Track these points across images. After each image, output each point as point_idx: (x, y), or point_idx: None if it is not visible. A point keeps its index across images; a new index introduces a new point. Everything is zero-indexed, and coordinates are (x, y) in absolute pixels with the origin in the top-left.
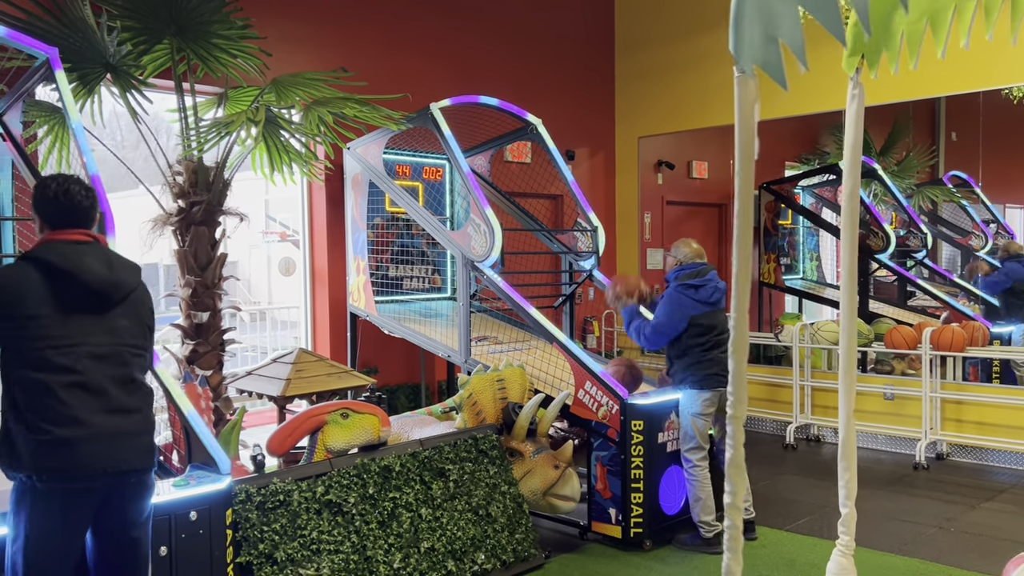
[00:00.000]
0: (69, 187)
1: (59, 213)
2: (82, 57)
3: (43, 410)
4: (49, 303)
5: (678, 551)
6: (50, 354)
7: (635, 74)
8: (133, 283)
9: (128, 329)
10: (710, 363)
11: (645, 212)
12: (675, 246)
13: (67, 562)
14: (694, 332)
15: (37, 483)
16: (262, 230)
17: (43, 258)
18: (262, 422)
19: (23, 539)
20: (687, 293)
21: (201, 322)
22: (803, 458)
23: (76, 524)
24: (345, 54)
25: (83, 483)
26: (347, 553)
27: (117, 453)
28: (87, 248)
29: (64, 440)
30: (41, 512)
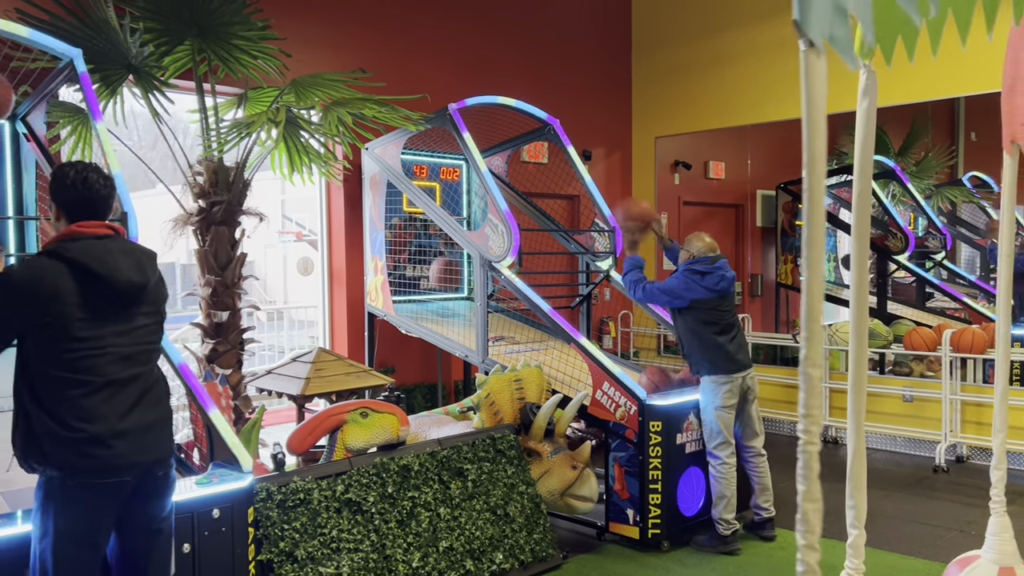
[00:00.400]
0: (88, 175)
1: (78, 201)
2: (105, 58)
3: (75, 408)
4: (80, 304)
5: (696, 552)
6: (80, 354)
7: (652, 74)
8: (156, 277)
9: (148, 327)
10: (720, 348)
11: (662, 212)
12: (688, 240)
13: (95, 556)
14: (701, 317)
15: (68, 480)
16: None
17: (77, 259)
18: (281, 421)
19: (52, 535)
20: (693, 278)
21: (221, 321)
22: (823, 460)
23: (105, 519)
24: (363, 55)
25: (115, 478)
26: (366, 552)
27: (144, 446)
28: (112, 244)
29: (98, 438)
30: (70, 508)
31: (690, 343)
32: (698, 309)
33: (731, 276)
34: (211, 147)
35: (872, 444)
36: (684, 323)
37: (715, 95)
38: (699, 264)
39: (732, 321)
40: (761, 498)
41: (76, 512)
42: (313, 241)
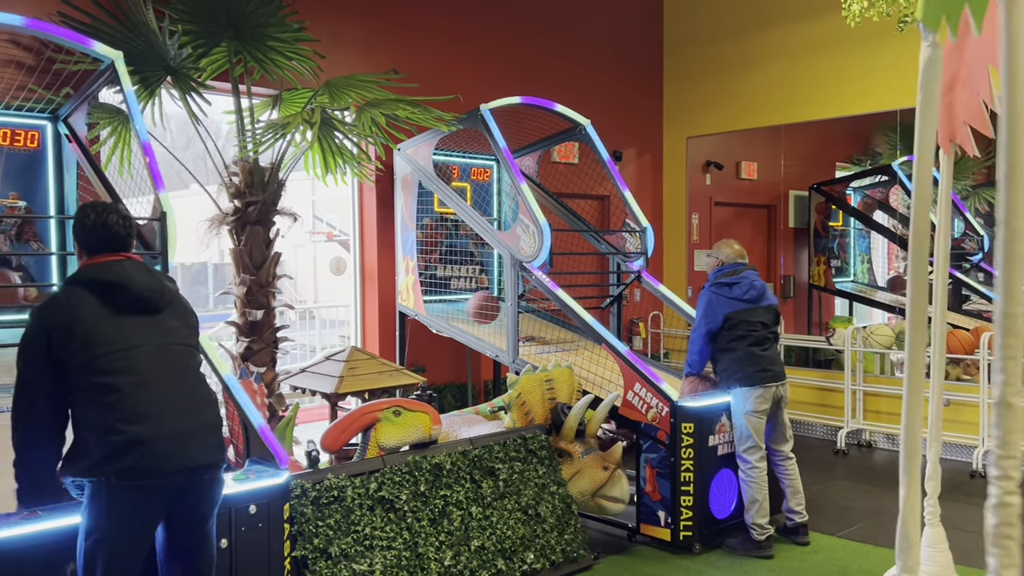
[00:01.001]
0: (107, 218)
1: (96, 241)
2: (144, 60)
3: (115, 411)
4: (102, 314)
5: (728, 555)
6: (112, 358)
7: (684, 74)
8: (174, 290)
9: (178, 328)
10: (755, 360)
11: (693, 213)
12: (716, 247)
13: (140, 555)
14: (732, 330)
15: (113, 482)
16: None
17: (90, 277)
18: (314, 419)
19: (98, 534)
20: (720, 292)
21: (255, 320)
22: (855, 464)
23: (150, 519)
24: (396, 56)
25: (158, 480)
26: (399, 550)
27: (191, 450)
28: (127, 263)
29: (139, 439)
30: (116, 508)
31: (723, 360)
32: (730, 324)
33: (760, 285)
34: (247, 148)
35: None
36: (718, 343)
37: (747, 95)
38: (724, 275)
39: (766, 335)
40: (793, 501)
41: (122, 514)
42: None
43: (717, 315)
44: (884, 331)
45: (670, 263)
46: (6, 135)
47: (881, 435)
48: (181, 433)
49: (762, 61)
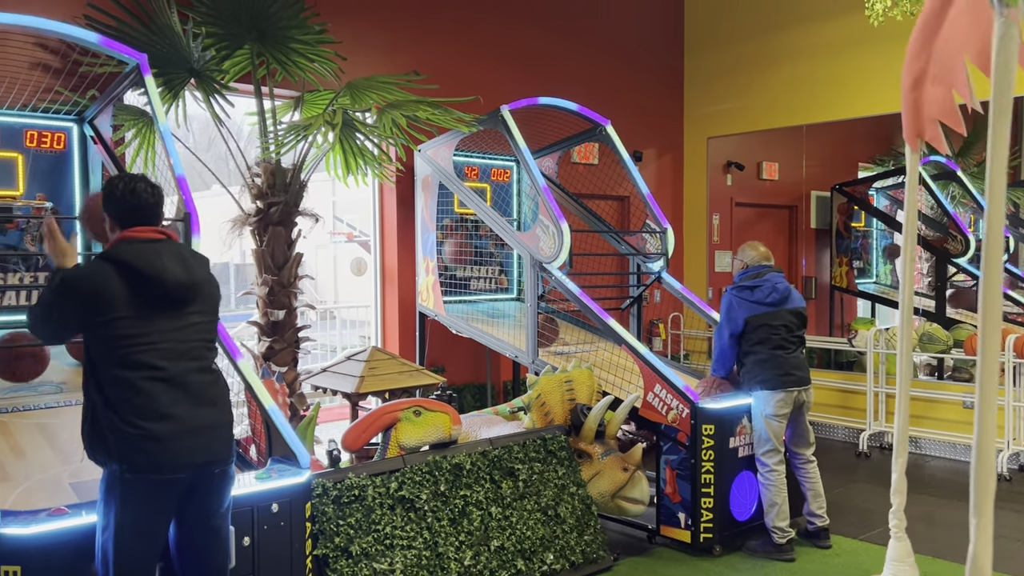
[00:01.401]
0: (135, 185)
1: (126, 211)
2: (168, 63)
3: (132, 406)
4: (131, 304)
5: (748, 557)
6: (134, 352)
7: (705, 74)
8: (204, 278)
9: (202, 325)
10: (777, 363)
11: (713, 214)
12: (741, 249)
13: (153, 548)
14: (753, 333)
15: (127, 473)
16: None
17: (125, 260)
18: (335, 418)
19: (112, 527)
20: (742, 295)
21: (277, 320)
22: (877, 466)
23: (162, 513)
24: (417, 57)
25: (170, 475)
26: (419, 549)
27: (203, 445)
28: (162, 247)
29: (154, 435)
30: (129, 502)
31: (747, 364)
32: (752, 327)
33: (783, 288)
34: (269, 149)
35: (931, 451)
36: (741, 346)
37: (768, 95)
38: (747, 278)
39: (790, 338)
40: (814, 504)
41: (135, 506)
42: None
43: (737, 319)
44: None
45: (690, 264)
46: (33, 137)
47: None
48: (194, 429)
49: (784, 61)
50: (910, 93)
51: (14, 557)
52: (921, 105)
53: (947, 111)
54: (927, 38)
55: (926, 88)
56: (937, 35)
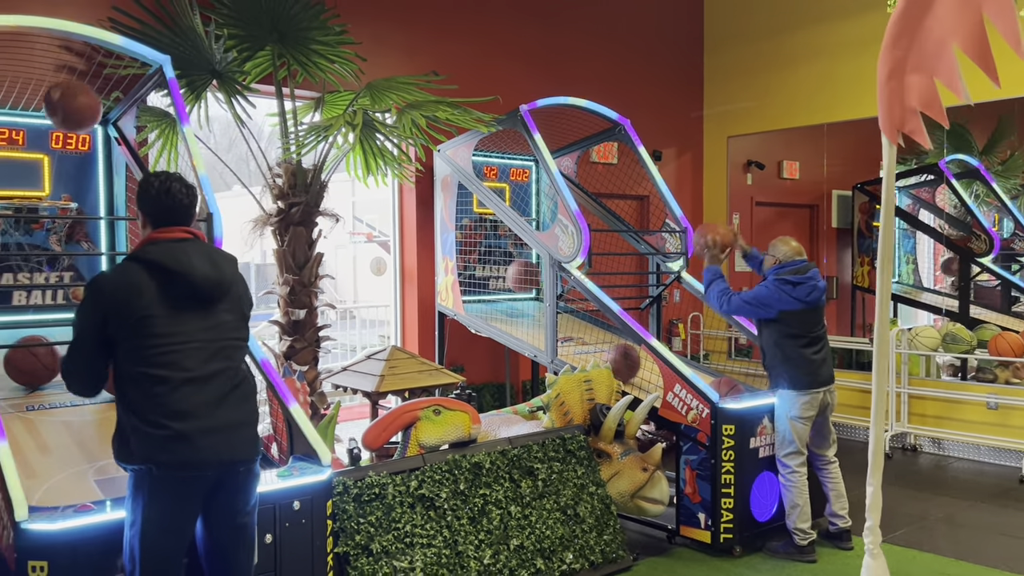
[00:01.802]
0: (171, 185)
1: (161, 210)
2: (191, 64)
3: (158, 405)
4: (159, 303)
5: (769, 558)
6: (162, 351)
7: (725, 72)
8: (233, 277)
9: (231, 323)
10: (806, 363)
11: (733, 213)
12: (773, 245)
13: (180, 546)
14: (786, 329)
15: (154, 472)
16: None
17: (153, 259)
18: (355, 417)
19: (140, 524)
20: (783, 288)
21: (298, 319)
22: (899, 468)
23: (188, 511)
24: (436, 58)
25: (196, 472)
26: (439, 547)
27: (228, 445)
28: (190, 246)
29: (180, 434)
30: (156, 500)
31: (772, 356)
32: (785, 321)
33: (823, 286)
34: (290, 150)
35: (955, 453)
36: (768, 334)
37: (789, 93)
38: (789, 272)
39: (820, 334)
40: (836, 506)
41: (162, 504)
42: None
43: (772, 309)
44: (930, 333)
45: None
46: (58, 138)
47: (927, 439)
48: (220, 428)
49: (804, 59)
50: (887, 83)
51: (41, 552)
52: (900, 96)
53: (929, 101)
54: (907, 26)
55: (905, 78)
56: (921, 23)
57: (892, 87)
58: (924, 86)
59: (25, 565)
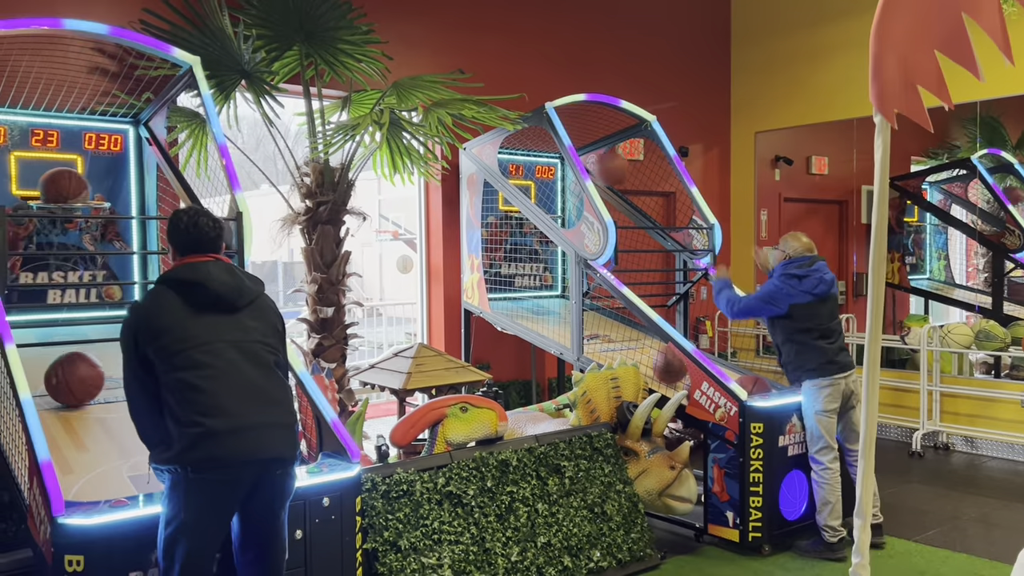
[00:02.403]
0: (198, 220)
1: (188, 242)
2: (220, 65)
3: (191, 404)
4: (184, 312)
5: (798, 557)
6: (190, 353)
7: (752, 67)
8: (257, 290)
9: (258, 329)
10: (821, 352)
11: (761, 209)
12: (784, 240)
13: (214, 543)
14: (798, 324)
15: (190, 473)
16: (375, 229)
17: (175, 276)
18: (382, 414)
19: (176, 524)
20: (790, 283)
21: (326, 317)
22: (931, 467)
23: (224, 510)
24: (462, 56)
25: (233, 472)
26: (467, 544)
27: (260, 443)
28: (210, 263)
29: (213, 431)
30: (193, 499)
31: (787, 352)
32: (796, 316)
33: (830, 279)
34: (318, 149)
35: (988, 451)
36: (781, 331)
37: (818, 88)
38: (795, 266)
39: (833, 326)
40: None
41: (198, 502)
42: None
43: (782, 304)
44: (962, 330)
45: (738, 260)
46: (92, 139)
47: (959, 438)
48: (254, 427)
49: (833, 52)
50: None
51: (78, 547)
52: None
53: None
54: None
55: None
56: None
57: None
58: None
59: (62, 559)
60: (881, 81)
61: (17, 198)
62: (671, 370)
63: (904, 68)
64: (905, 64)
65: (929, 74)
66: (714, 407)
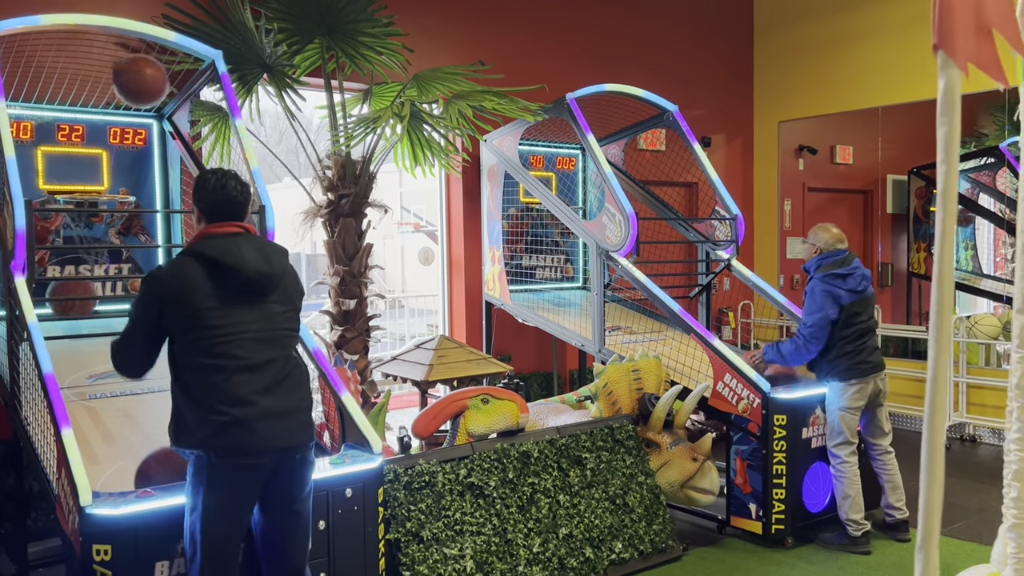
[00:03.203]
0: (227, 182)
1: (215, 205)
2: (242, 59)
3: (216, 392)
4: (213, 296)
5: (822, 550)
6: (218, 341)
7: (775, 55)
8: (284, 268)
9: (283, 314)
10: (859, 352)
11: (785, 199)
12: (813, 232)
13: (238, 531)
14: (840, 323)
15: (213, 459)
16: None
17: (207, 254)
18: (404, 405)
19: (200, 510)
20: (835, 284)
21: (349, 309)
22: (958, 459)
23: (246, 497)
24: (482, 47)
25: (254, 459)
26: (488, 535)
27: (283, 431)
28: (242, 240)
29: (237, 420)
30: (215, 486)
31: (824, 351)
32: (844, 317)
33: (868, 275)
34: (339, 142)
35: None
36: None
37: (843, 76)
38: (832, 264)
39: (869, 326)
40: (892, 497)
41: (221, 490)
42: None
43: (835, 308)
44: (990, 321)
45: (761, 251)
46: (116, 134)
47: (986, 429)
48: (275, 415)
49: (858, 39)
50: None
51: (105, 536)
52: (975, 11)
53: (1009, 26)
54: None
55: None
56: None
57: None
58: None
59: (90, 548)
60: (950, 21)
61: (44, 192)
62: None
63: (985, 8)
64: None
65: (1006, 19)
66: (737, 399)
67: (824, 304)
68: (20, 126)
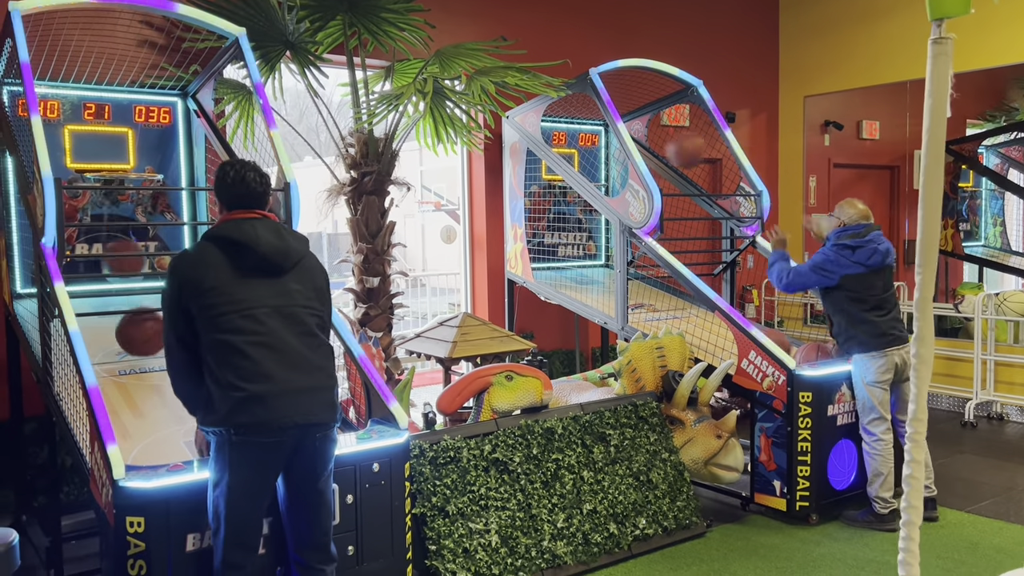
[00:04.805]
0: (245, 174)
1: (235, 197)
2: (265, 36)
3: (235, 368)
4: (228, 272)
5: (847, 527)
6: (234, 317)
7: (801, 29)
8: (302, 251)
9: (301, 292)
10: (874, 325)
11: (810, 175)
12: (839, 207)
13: (260, 506)
14: (851, 294)
15: (233, 436)
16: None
17: (221, 234)
18: (428, 382)
19: (223, 485)
20: (842, 253)
21: (372, 287)
22: (984, 437)
23: (268, 472)
24: (504, 23)
25: (274, 436)
26: (513, 510)
27: (304, 407)
28: (258, 221)
29: (257, 396)
30: (238, 462)
31: (839, 322)
32: (848, 286)
33: (884, 248)
34: (362, 119)
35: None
36: (832, 301)
37: (869, 50)
38: (848, 236)
39: (886, 297)
40: None
41: (243, 466)
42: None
43: (834, 275)
44: (1019, 298)
45: (786, 227)
46: (141, 112)
47: (1014, 407)
48: (295, 391)
49: (885, 13)
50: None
51: (138, 509)
52: None
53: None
54: None
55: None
56: None
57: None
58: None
59: (123, 520)
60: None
61: (72, 171)
62: (685, 153)
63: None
64: None
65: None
66: (761, 376)
67: (820, 268)
68: (47, 105)
